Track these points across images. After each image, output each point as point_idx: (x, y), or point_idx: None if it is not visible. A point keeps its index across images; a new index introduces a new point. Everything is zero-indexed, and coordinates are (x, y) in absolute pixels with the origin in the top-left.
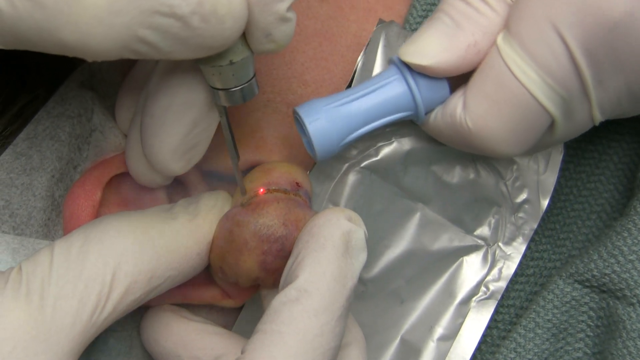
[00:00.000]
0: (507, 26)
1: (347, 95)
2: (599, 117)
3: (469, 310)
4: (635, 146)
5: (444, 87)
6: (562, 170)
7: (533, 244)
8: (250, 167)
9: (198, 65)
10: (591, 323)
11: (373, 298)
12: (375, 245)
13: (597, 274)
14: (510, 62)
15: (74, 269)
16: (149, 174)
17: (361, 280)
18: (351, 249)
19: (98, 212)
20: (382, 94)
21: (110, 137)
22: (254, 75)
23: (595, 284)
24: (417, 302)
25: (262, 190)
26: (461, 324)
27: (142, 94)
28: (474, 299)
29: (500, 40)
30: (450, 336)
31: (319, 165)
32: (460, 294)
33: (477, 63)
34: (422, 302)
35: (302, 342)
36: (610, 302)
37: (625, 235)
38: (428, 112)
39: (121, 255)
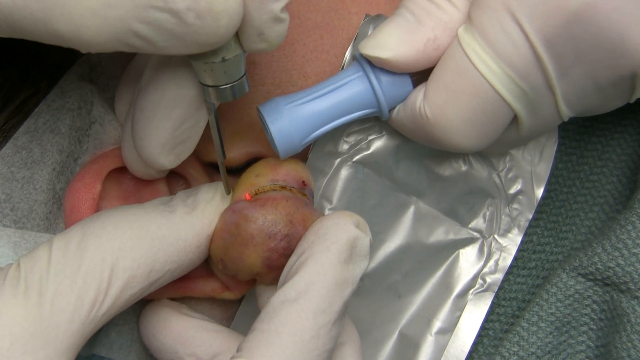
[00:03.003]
0: (468, 16)
1: (310, 94)
2: (566, 112)
3: (467, 303)
4: (638, 138)
5: (407, 83)
6: (565, 162)
7: (535, 237)
8: (250, 159)
9: (190, 61)
10: (595, 317)
11: (370, 293)
12: None
13: (601, 267)
14: (470, 51)
15: (72, 265)
16: (142, 166)
17: None
18: (355, 256)
19: (98, 205)
20: (344, 91)
21: (110, 130)
22: (245, 74)
23: (599, 278)
24: (415, 296)
25: (270, 187)
26: (459, 317)
27: (137, 87)
28: (471, 291)
29: (461, 30)
30: (448, 329)
31: (311, 161)
32: (458, 287)
33: (436, 58)
34: (420, 296)
35: (298, 343)
36: (615, 295)
37: (630, 228)
38: (391, 108)
39: (119, 250)
